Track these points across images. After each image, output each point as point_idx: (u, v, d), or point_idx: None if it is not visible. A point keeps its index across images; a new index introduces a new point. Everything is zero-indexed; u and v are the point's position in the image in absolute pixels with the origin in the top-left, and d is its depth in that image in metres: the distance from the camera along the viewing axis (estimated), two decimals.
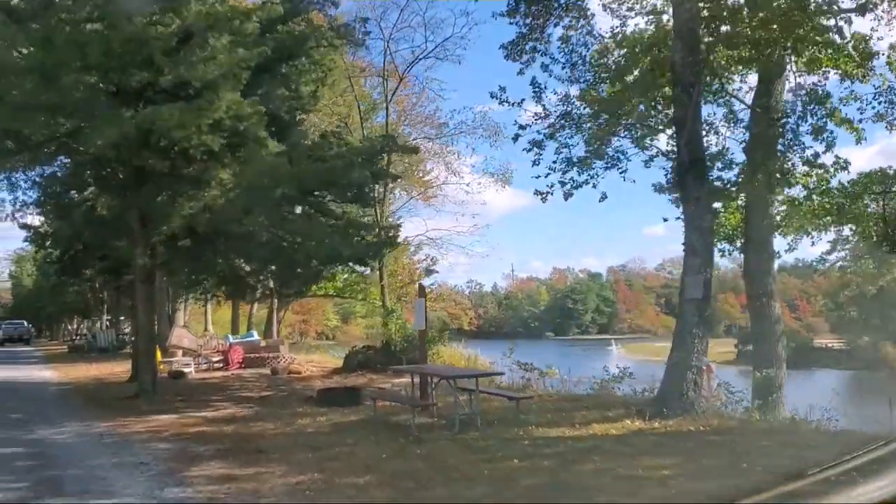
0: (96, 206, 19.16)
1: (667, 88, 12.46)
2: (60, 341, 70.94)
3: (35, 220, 24.69)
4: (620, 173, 13.09)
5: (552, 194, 13.27)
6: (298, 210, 16.01)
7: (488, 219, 79.72)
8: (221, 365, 22.59)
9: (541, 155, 13.19)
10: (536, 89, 12.78)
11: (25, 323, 64.60)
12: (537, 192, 13.34)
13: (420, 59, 26.10)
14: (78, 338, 56.47)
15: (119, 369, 24.13)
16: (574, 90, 13.01)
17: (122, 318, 44.49)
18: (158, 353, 23.21)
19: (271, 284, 19.90)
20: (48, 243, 38.13)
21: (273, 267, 16.82)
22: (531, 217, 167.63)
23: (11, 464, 9.09)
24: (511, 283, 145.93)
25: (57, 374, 23.39)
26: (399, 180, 18.04)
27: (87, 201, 20.12)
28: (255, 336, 28.66)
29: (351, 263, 16.79)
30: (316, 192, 14.57)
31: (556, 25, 13.74)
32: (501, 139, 27.02)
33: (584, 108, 12.85)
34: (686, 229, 10.73)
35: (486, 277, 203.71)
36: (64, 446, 10.50)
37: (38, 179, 20.11)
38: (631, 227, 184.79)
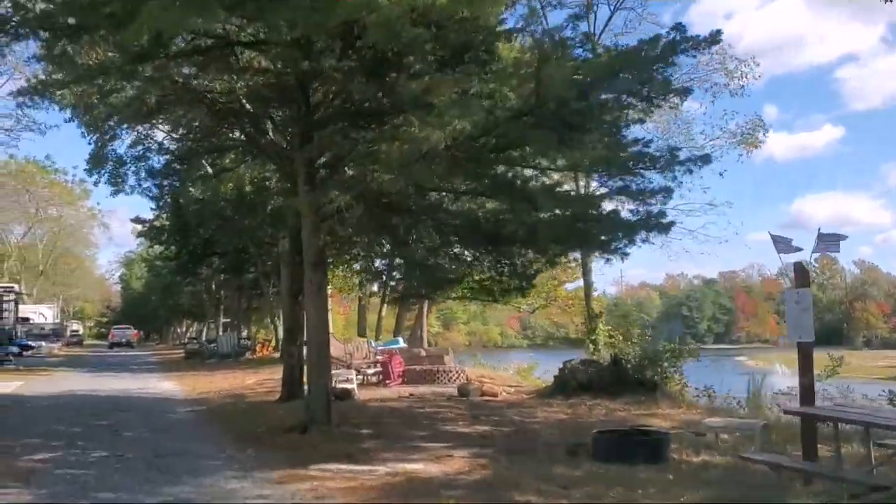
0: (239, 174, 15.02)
1: None
2: (169, 345, 69.43)
3: (147, 211, 21.14)
4: None
5: None
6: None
7: None
8: (379, 379, 18.08)
9: None
10: None
11: (132, 328, 63.62)
12: None
13: None
14: (190, 342, 54.10)
15: (251, 381, 20.09)
16: None
17: (236, 320, 41.18)
18: None
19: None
20: (164, 237, 35.26)
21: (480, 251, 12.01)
22: None
23: None
24: (620, 288, 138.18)
25: (181, 387, 19.43)
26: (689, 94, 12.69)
27: (225, 170, 16.00)
28: (402, 342, 24.21)
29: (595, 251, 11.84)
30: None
31: None
32: (743, 86, 20.91)
33: None
34: None
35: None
36: None
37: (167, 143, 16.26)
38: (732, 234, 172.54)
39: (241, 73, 11.78)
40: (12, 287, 39.85)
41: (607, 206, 11.58)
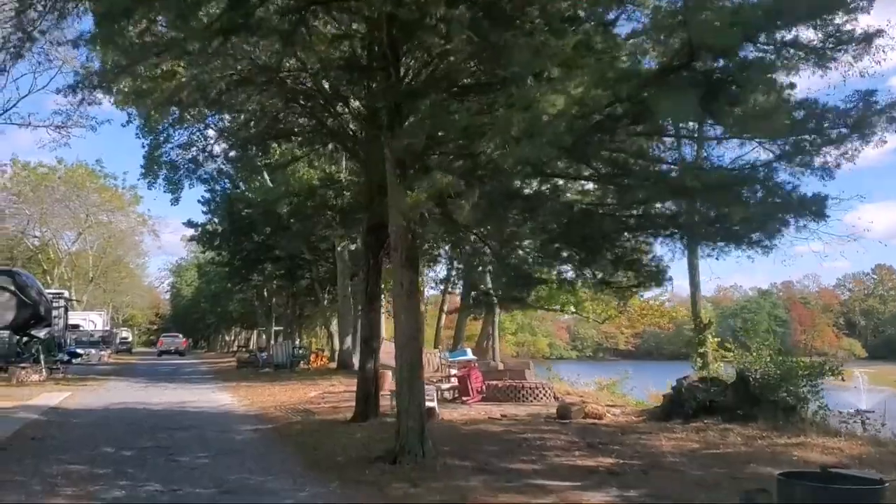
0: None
1: None
2: (218, 353, 68.74)
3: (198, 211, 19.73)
4: None
5: None
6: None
7: None
8: (454, 395, 16.29)
9: None
10: None
11: (180, 335, 63.18)
12: None
13: None
14: (239, 350, 53.05)
15: (312, 394, 18.50)
16: None
17: (290, 329, 39.75)
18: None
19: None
20: (216, 242, 34.11)
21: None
22: None
23: None
24: (673, 300, 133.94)
25: (238, 400, 17.87)
26: None
27: (296, 159, 14.37)
28: (469, 354, 22.35)
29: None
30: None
31: None
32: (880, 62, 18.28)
33: None
34: None
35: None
36: None
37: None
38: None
39: (319, 43, 10.14)
40: (62, 293, 39.00)
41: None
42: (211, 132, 21.43)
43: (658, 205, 9.29)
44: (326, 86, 12.09)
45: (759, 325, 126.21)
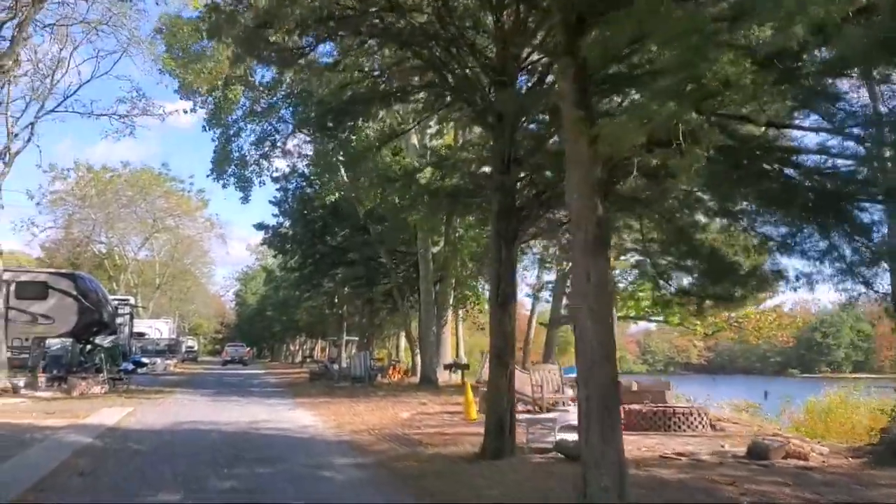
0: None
1: None
2: (282, 363, 67.15)
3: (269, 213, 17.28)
4: None
5: None
6: None
7: None
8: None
9: None
10: None
11: (244, 345, 62.00)
12: None
13: None
14: (306, 360, 51.17)
15: (405, 414, 15.95)
16: None
17: (365, 338, 37.32)
18: (472, 402, 14.79)
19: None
20: (288, 245, 32.02)
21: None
22: None
23: None
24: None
25: (321, 421, 15.29)
26: None
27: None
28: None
29: None
30: None
31: None
32: None
33: None
34: None
35: None
36: None
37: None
38: None
39: None
40: (127, 300, 37.49)
41: None
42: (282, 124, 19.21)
43: None
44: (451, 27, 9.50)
45: (842, 339, 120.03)
